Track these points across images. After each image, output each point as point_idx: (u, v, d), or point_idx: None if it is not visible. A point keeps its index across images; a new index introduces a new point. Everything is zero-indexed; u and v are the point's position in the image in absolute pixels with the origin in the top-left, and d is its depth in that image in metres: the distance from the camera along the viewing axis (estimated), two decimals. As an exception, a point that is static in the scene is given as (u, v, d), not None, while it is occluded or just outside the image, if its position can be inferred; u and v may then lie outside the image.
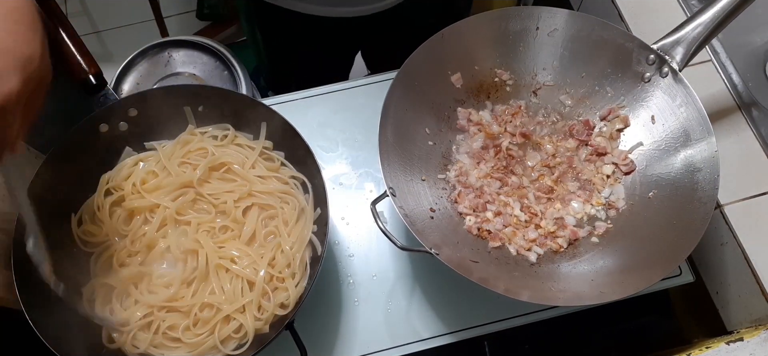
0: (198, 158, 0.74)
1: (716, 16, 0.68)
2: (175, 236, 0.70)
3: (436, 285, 0.76)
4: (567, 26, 0.78)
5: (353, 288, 0.76)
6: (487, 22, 0.79)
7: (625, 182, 0.76)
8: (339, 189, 0.83)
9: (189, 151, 0.74)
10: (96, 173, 0.74)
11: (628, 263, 0.67)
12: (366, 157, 0.85)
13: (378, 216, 0.63)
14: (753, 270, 0.70)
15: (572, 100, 0.82)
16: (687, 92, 0.70)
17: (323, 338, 0.73)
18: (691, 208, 0.66)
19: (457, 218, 0.75)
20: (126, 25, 2.05)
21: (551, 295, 0.65)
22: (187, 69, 0.97)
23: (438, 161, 0.78)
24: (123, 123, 0.75)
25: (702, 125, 0.69)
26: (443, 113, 0.80)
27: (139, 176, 0.72)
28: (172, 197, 0.72)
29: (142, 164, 0.74)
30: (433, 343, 0.73)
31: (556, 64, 0.81)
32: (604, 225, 0.73)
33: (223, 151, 0.74)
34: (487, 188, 0.76)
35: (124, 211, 0.72)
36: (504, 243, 0.72)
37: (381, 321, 0.74)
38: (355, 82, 0.91)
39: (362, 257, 0.78)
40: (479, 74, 0.82)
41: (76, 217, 0.71)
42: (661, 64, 0.72)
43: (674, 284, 0.75)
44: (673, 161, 0.71)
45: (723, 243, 0.75)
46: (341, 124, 0.88)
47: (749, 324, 0.73)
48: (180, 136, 0.75)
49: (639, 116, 0.76)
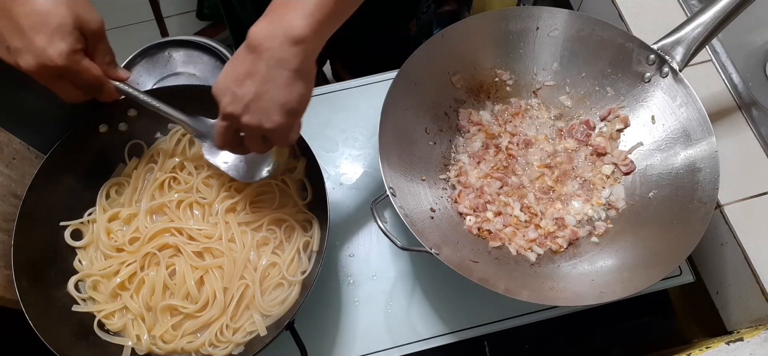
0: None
1: (716, 16, 0.68)
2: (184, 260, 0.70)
3: (436, 285, 0.76)
4: (567, 26, 0.78)
5: (353, 288, 0.76)
6: (487, 22, 0.79)
7: (625, 182, 0.76)
8: (339, 189, 0.83)
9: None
10: (96, 173, 0.74)
11: (628, 263, 0.66)
12: (366, 157, 0.85)
13: (378, 216, 0.63)
14: (753, 270, 0.70)
15: (572, 100, 0.82)
16: (687, 92, 0.70)
17: (323, 338, 0.73)
18: (691, 208, 0.66)
19: (457, 218, 0.75)
20: (126, 25, 2.04)
21: (551, 295, 0.65)
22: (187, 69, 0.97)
23: (438, 161, 0.78)
24: (123, 123, 0.75)
25: (702, 125, 0.69)
26: (443, 113, 0.80)
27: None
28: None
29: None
30: (433, 343, 0.73)
31: (556, 65, 0.81)
32: (604, 225, 0.73)
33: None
34: (487, 188, 0.76)
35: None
36: (504, 243, 0.72)
37: (381, 321, 0.74)
38: (355, 83, 0.91)
39: (362, 257, 0.78)
40: (479, 74, 0.82)
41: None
42: (661, 64, 0.72)
43: (674, 284, 0.75)
44: (674, 161, 0.71)
45: (723, 243, 0.74)
46: (341, 124, 0.88)
47: (749, 324, 0.73)
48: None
49: (639, 116, 0.76)
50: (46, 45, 0.54)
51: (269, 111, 0.53)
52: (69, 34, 0.55)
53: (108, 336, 0.66)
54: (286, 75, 0.52)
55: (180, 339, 0.66)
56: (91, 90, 0.61)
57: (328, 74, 1.41)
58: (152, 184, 0.74)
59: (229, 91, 0.54)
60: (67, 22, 0.55)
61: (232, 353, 0.66)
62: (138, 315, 0.67)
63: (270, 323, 0.66)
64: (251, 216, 0.71)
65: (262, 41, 0.51)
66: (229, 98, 0.54)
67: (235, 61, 0.54)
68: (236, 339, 0.66)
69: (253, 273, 0.69)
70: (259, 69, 0.52)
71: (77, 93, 0.60)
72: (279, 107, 0.53)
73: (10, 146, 0.70)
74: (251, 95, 0.53)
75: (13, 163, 0.70)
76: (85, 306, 0.67)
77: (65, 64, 0.55)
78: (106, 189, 0.74)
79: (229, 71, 0.54)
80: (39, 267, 0.66)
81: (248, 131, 0.56)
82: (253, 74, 0.52)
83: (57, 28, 0.54)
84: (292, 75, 0.52)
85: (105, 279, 0.69)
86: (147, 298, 0.67)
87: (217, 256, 0.69)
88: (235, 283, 0.68)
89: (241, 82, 0.53)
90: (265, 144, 0.58)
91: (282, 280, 0.69)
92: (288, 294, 0.68)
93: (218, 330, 0.66)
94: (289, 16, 0.51)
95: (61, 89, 0.59)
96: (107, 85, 0.62)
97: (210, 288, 0.67)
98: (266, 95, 0.53)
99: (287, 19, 0.51)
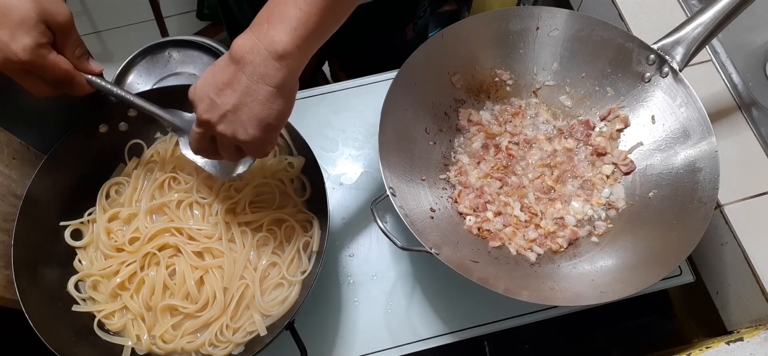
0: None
1: (716, 16, 0.68)
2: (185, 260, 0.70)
3: (436, 285, 0.76)
4: (567, 26, 0.78)
5: (353, 288, 0.76)
6: (487, 22, 0.79)
7: (625, 182, 0.76)
8: (339, 189, 0.83)
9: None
10: (96, 173, 0.74)
11: (628, 263, 0.66)
12: (366, 157, 0.85)
13: (378, 216, 0.63)
14: (753, 270, 0.70)
15: (572, 100, 0.82)
16: (687, 92, 0.70)
17: (323, 338, 0.73)
18: (691, 208, 0.66)
19: (457, 218, 0.75)
20: (126, 25, 2.05)
21: (551, 295, 0.64)
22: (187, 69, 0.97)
23: (438, 161, 0.78)
24: (123, 123, 0.75)
25: (702, 125, 0.69)
26: (443, 113, 0.80)
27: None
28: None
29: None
30: (433, 343, 0.73)
31: (556, 65, 0.81)
32: (604, 225, 0.73)
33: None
34: (487, 188, 0.76)
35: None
36: (504, 243, 0.72)
37: (381, 321, 0.74)
38: (355, 83, 0.91)
39: (362, 257, 0.78)
40: (479, 74, 0.82)
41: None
42: (661, 64, 0.72)
43: (674, 284, 0.75)
44: (673, 161, 0.71)
45: (723, 243, 0.74)
46: (341, 124, 0.88)
47: (749, 324, 0.73)
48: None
49: (639, 116, 0.76)
50: (8, 40, 0.53)
51: (246, 124, 0.53)
52: (33, 29, 0.54)
53: (108, 336, 0.66)
54: (266, 91, 0.52)
55: (180, 339, 0.66)
56: (60, 85, 0.60)
57: (327, 74, 1.41)
58: (152, 184, 0.74)
59: (208, 98, 0.53)
60: (30, 16, 0.54)
61: (232, 353, 0.66)
62: (138, 315, 0.67)
63: (270, 323, 0.66)
64: (251, 216, 0.71)
65: (244, 54, 0.51)
66: (207, 104, 0.53)
67: (216, 68, 0.53)
68: (236, 339, 0.66)
69: (253, 273, 0.69)
70: (240, 81, 0.51)
71: (46, 88, 0.59)
72: (257, 122, 0.53)
73: (10, 146, 0.70)
74: (229, 106, 0.52)
75: (13, 163, 0.70)
76: (85, 306, 0.67)
77: (30, 58, 0.55)
78: (106, 189, 0.74)
79: (209, 78, 0.53)
80: (39, 267, 0.66)
81: (222, 140, 0.56)
82: (234, 86, 0.52)
83: (20, 23, 0.54)
84: (273, 92, 0.52)
85: (105, 279, 0.69)
86: (147, 298, 0.67)
87: (217, 256, 0.69)
88: (235, 283, 0.68)
89: (221, 92, 0.52)
90: (238, 153, 0.58)
91: (282, 280, 0.69)
92: (288, 294, 0.68)
93: (218, 330, 0.66)
94: (272, 31, 0.50)
95: (29, 84, 0.58)
96: (78, 79, 0.61)
97: (210, 288, 0.67)
98: (245, 108, 0.52)
99: (271, 34, 0.50)
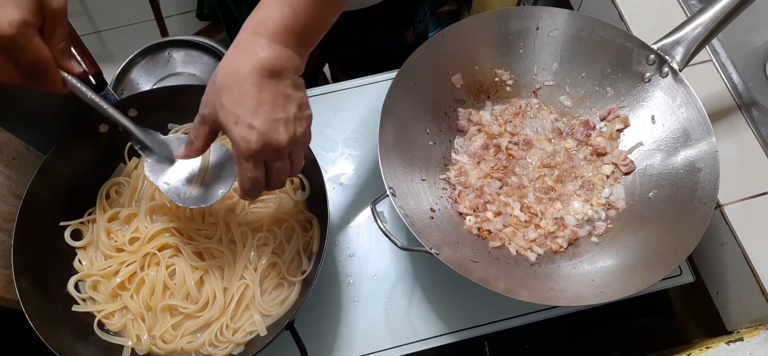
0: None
1: (716, 16, 0.68)
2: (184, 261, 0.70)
3: (436, 285, 0.76)
4: (567, 26, 0.78)
5: (353, 288, 0.76)
6: (487, 22, 0.79)
7: (625, 182, 0.76)
8: (339, 189, 0.83)
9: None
10: (96, 173, 0.74)
11: (628, 263, 0.66)
12: (366, 157, 0.85)
13: (378, 216, 0.63)
14: (753, 270, 0.70)
15: (572, 100, 0.82)
16: (687, 92, 0.70)
17: (323, 338, 0.73)
18: (691, 208, 0.66)
19: (457, 218, 0.75)
20: (126, 25, 2.05)
21: (551, 295, 0.65)
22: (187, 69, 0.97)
23: (438, 161, 0.78)
24: (123, 123, 0.75)
25: (702, 125, 0.69)
26: (443, 113, 0.80)
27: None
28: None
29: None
30: (433, 343, 0.73)
31: (556, 65, 0.81)
32: (604, 225, 0.73)
33: None
34: (487, 188, 0.76)
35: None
36: (504, 243, 0.72)
37: (381, 321, 0.74)
38: (355, 83, 0.91)
39: (362, 257, 0.78)
40: (479, 74, 0.82)
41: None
42: (661, 64, 0.72)
43: (674, 284, 0.75)
44: (673, 161, 0.71)
45: (723, 243, 0.75)
46: (341, 124, 0.88)
47: (749, 324, 0.73)
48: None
49: (639, 116, 0.76)
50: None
51: (304, 123, 0.54)
52: (25, 5, 0.51)
53: (108, 336, 0.66)
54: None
55: (180, 339, 0.66)
56: (34, 74, 0.55)
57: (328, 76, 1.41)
58: (152, 184, 0.74)
59: (269, 121, 0.52)
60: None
61: (232, 353, 0.66)
62: (138, 315, 0.67)
63: (270, 323, 0.66)
64: (251, 216, 0.71)
65: (284, 65, 0.52)
66: (269, 127, 0.52)
67: (251, 93, 0.51)
68: (236, 339, 0.66)
69: (253, 273, 0.69)
70: (285, 89, 0.52)
71: (15, 74, 0.54)
72: (309, 117, 0.55)
73: (10, 146, 0.70)
74: (290, 115, 0.53)
75: (13, 163, 0.70)
76: (85, 306, 0.67)
77: (14, 34, 0.51)
78: (106, 189, 0.74)
79: (253, 107, 0.51)
80: (39, 267, 0.66)
81: (290, 155, 0.55)
82: (284, 95, 0.52)
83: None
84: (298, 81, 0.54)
85: (105, 279, 0.69)
86: (147, 298, 0.67)
87: (217, 256, 0.69)
88: (235, 283, 0.68)
89: (275, 107, 0.52)
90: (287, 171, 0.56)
91: (282, 280, 0.69)
92: (288, 294, 0.68)
93: (218, 330, 0.66)
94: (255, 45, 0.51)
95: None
96: (52, 74, 0.56)
97: (210, 288, 0.67)
98: (300, 111, 0.54)
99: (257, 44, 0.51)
